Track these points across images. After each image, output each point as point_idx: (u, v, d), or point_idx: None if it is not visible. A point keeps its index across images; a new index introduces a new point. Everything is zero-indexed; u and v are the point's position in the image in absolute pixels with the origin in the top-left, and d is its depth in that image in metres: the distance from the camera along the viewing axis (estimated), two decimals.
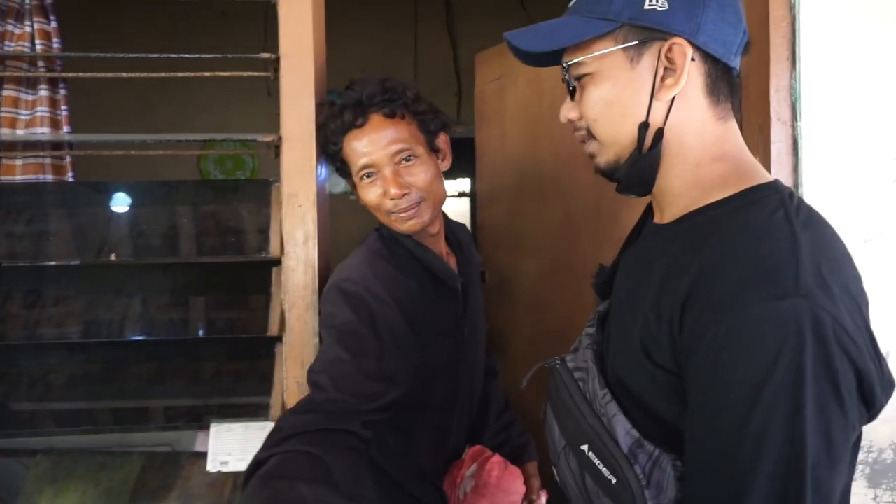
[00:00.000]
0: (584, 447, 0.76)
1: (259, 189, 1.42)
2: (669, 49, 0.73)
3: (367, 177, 1.14)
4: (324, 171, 1.43)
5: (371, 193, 1.15)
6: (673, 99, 0.74)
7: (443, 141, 1.21)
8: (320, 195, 1.38)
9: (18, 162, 1.42)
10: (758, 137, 1.47)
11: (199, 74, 1.40)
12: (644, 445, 0.71)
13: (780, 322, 0.60)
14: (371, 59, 4.21)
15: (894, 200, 1.41)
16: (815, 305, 0.60)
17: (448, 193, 1.32)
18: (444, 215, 1.29)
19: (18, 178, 1.42)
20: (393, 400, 1.05)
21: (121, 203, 1.38)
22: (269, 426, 1.38)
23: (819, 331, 0.59)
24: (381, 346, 1.07)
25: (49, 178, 1.44)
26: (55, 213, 1.38)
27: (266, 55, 1.34)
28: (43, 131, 1.42)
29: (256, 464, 0.90)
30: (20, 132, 1.44)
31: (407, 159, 1.12)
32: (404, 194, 1.11)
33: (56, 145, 1.46)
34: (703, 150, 0.76)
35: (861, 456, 1.42)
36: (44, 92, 1.43)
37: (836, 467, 0.61)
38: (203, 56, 1.36)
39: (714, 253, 0.67)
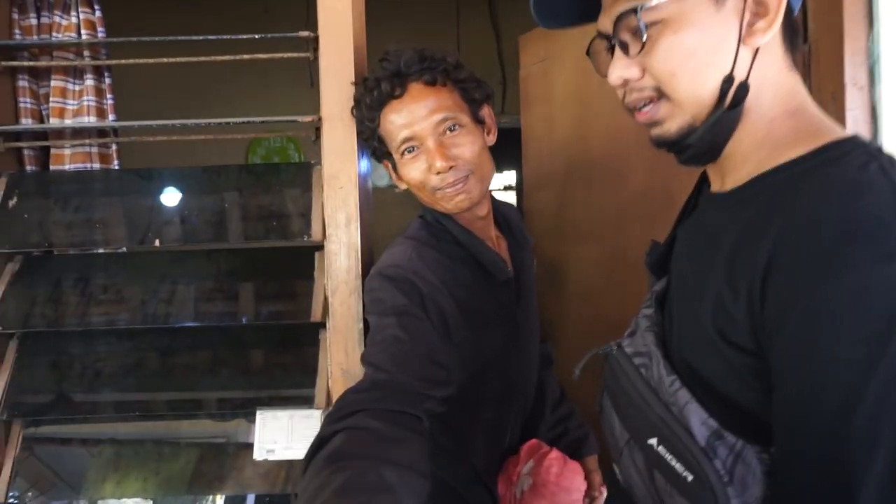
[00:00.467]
0: (653, 441, 0.68)
1: (301, 172, 1.39)
2: None
3: (409, 151, 1.05)
4: (365, 153, 1.39)
5: (414, 170, 1.06)
6: (758, 48, 0.65)
7: (487, 113, 1.13)
8: (362, 177, 1.34)
9: (67, 151, 1.44)
10: (830, 106, 1.35)
11: (239, 58, 1.38)
12: (724, 437, 0.62)
13: (890, 289, 0.51)
14: None
15: None
16: None
17: (494, 187, 1.25)
18: (492, 196, 1.22)
19: (67, 166, 1.44)
20: (449, 393, 0.96)
21: (165, 190, 1.38)
22: (314, 414, 1.36)
23: None
24: (436, 333, 1.00)
25: (96, 166, 1.45)
26: (102, 200, 1.38)
27: (305, 33, 1.31)
28: (90, 120, 1.43)
29: (320, 440, 0.78)
30: (68, 122, 1.45)
31: (451, 129, 1.03)
32: (451, 167, 1.02)
33: (102, 133, 1.47)
34: (778, 104, 0.68)
35: None
36: (90, 81, 1.44)
37: None
38: (243, 37, 1.34)
39: (800, 212, 0.58)
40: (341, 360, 1.30)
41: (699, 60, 0.66)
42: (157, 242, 1.32)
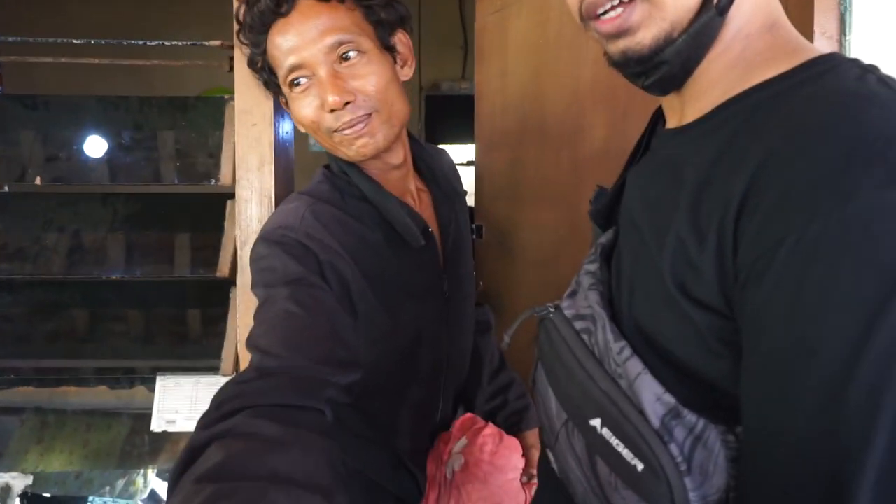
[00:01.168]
0: (596, 422, 0.56)
1: (212, 108, 1.23)
2: None
3: (297, 84, 0.86)
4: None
5: (305, 107, 0.86)
6: None
7: (401, 41, 0.94)
8: (280, 114, 1.18)
9: None
10: None
11: None
12: (682, 416, 0.51)
13: (890, 215, 0.40)
14: None
15: None
16: None
17: (456, 161, 1.09)
18: (414, 139, 1.04)
19: None
20: (356, 378, 0.79)
21: (52, 120, 1.19)
22: (221, 381, 1.21)
23: None
24: (340, 306, 0.83)
25: None
26: None
27: None
28: None
29: (191, 452, 0.60)
30: None
31: (346, 57, 0.84)
32: (347, 103, 0.84)
33: None
34: (756, 15, 0.56)
35: None
36: None
37: None
38: None
39: (787, 130, 0.46)
40: (250, 321, 1.15)
41: None
42: (38, 180, 1.14)
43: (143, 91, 1.35)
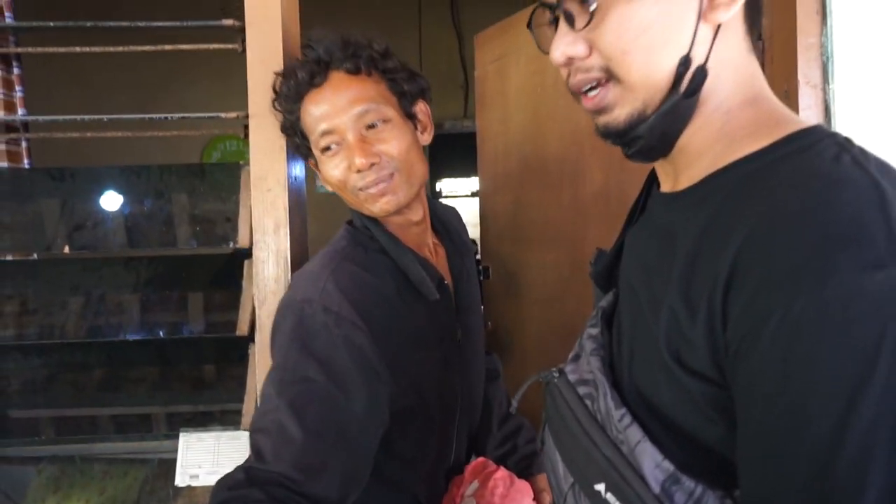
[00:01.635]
0: (600, 487, 0.58)
1: (229, 173, 1.29)
2: None
3: (329, 149, 0.96)
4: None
5: (334, 168, 0.95)
6: (719, 26, 0.57)
7: (421, 110, 1.04)
8: (294, 179, 1.24)
9: None
10: (784, 103, 1.30)
11: (159, 48, 1.27)
12: (681, 481, 0.54)
13: (878, 300, 0.44)
14: None
15: None
16: None
17: (459, 193, 1.17)
18: (429, 199, 1.12)
19: None
20: (331, 485, 0.85)
21: (79, 191, 1.26)
22: (242, 435, 1.25)
23: None
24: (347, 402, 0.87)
25: (3, 165, 1.32)
26: (8, 203, 1.26)
27: (229, 22, 1.21)
28: None
29: None
30: None
31: (373, 125, 0.95)
32: (372, 164, 0.93)
33: (11, 127, 1.34)
34: (737, 92, 0.60)
35: None
36: None
37: None
38: (164, 24, 1.24)
39: (768, 211, 0.50)
40: None
41: (654, 37, 0.57)
42: (65, 249, 1.20)
43: (158, 145, 1.41)
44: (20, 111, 1.35)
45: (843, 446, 0.44)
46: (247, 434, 1.23)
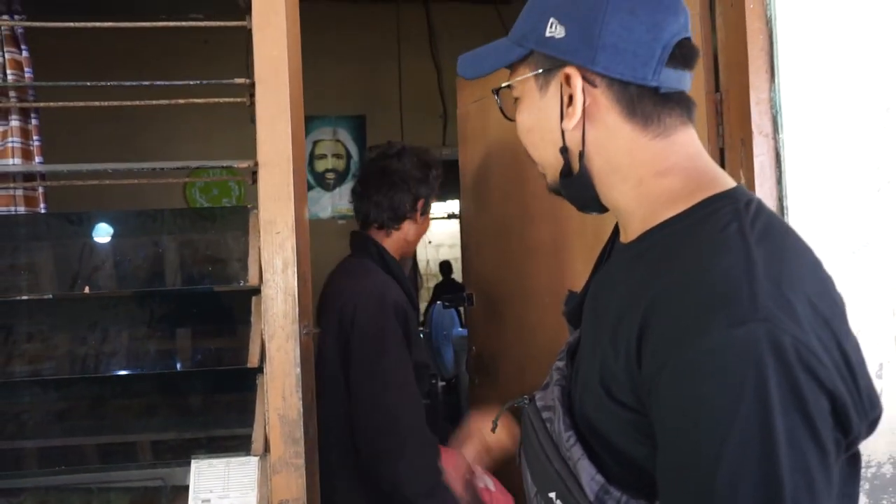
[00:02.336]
0: (552, 494, 0.70)
1: (237, 217, 1.39)
2: (565, 78, 0.71)
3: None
4: (302, 192, 1.40)
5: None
6: (585, 124, 0.72)
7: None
8: (300, 221, 1.35)
9: None
10: (740, 151, 1.46)
11: (173, 102, 1.38)
12: (611, 492, 0.65)
13: (738, 352, 0.55)
14: (355, 84, 4.23)
15: (879, 210, 1.40)
16: (774, 328, 0.55)
17: (437, 215, 1.35)
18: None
19: None
20: None
21: (95, 234, 1.35)
22: (251, 461, 1.34)
23: (781, 356, 0.54)
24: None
25: (21, 209, 1.40)
26: (27, 245, 1.34)
27: (241, 80, 1.32)
28: (14, 162, 1.39)
29: None
30: None
31: None
32: None
33: (28, 176, 1.43)
34: (640, 168, 0.72)
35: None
36: (15, 122, 1.40)
37: (819, 503, 0.55)
38: (179, 84, 1.34)
39: (665, 279, 0.63)
40: (279, 405, 1.29)
41: (535, 136, 0.77)
42: (86, 289, 1.29)
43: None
44: (37, 159, 1.43)
45: (718, 472, 0.55)
46: (255, 459, 1.32)
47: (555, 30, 0.70)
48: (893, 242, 1.40)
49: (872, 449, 1.39)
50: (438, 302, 4.00)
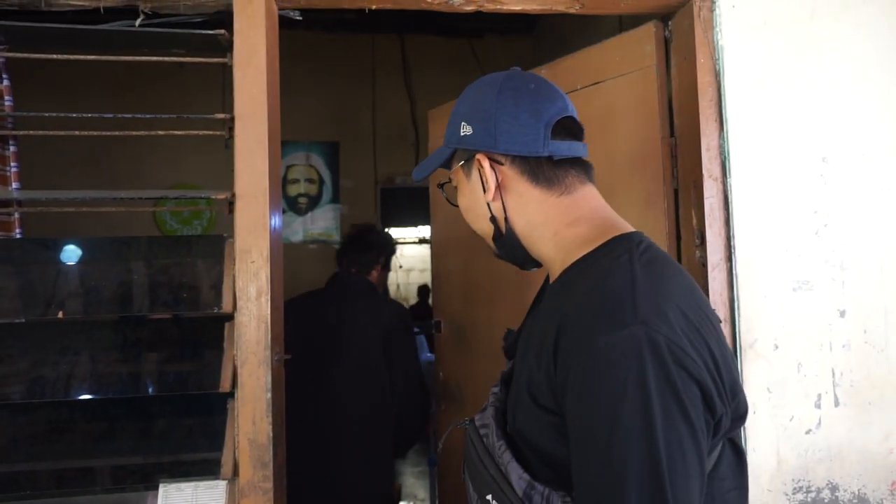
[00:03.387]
0: (489, 496, 0.82)
1: (213, 245, 1.43)
2: (478, 162, 0.90)
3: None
4: (277, 223, 1.45)
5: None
6: (501, 195, 0.90)
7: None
8: (274, 251, 1.40)
9: None
10: (692, 193, 1.56)
11: (154, 133, 1.42)
12: (535, 486, 0.77)
13: (623, 349, 0.69)
14: (330, 111, 4.30)
15: (817, 251, 1.51)
16: (651, 330, 0.69)
17: (408, 239, 1.40)
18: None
19: None
20: None
21: (70, 259, 1.38)
22: (220, 484, 1.36)
23: (657, 351, 0.68)
24: None
25: None
26: (0, 270, 1.36)
27: (222, 115, 1.38)
28: None
29: None
30: None
31: None
32: None
33: (3, 202, 1.45)
34: (553, 222, 0.89)
35: (800, 497, 1.48)
36: None
37: (690, 473, 0.68)
38: (158, 116, 1.39)
39: (570, 301, 0.79)
40: (249, 430, 1.32)
41: (470, 213, 0.97)
42: (60, 314, 1.31)
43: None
44: (14, 185, 1.46)
45: (611, 450, 0.68)
46: (224, 483, 1.35)
47: (466, 130, 0.91)
48: (830, 282, 1.51)
49: (812, 475, 1.48)
50: None
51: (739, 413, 0.77)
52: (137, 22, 1.43)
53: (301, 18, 1.54)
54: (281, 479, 1.41)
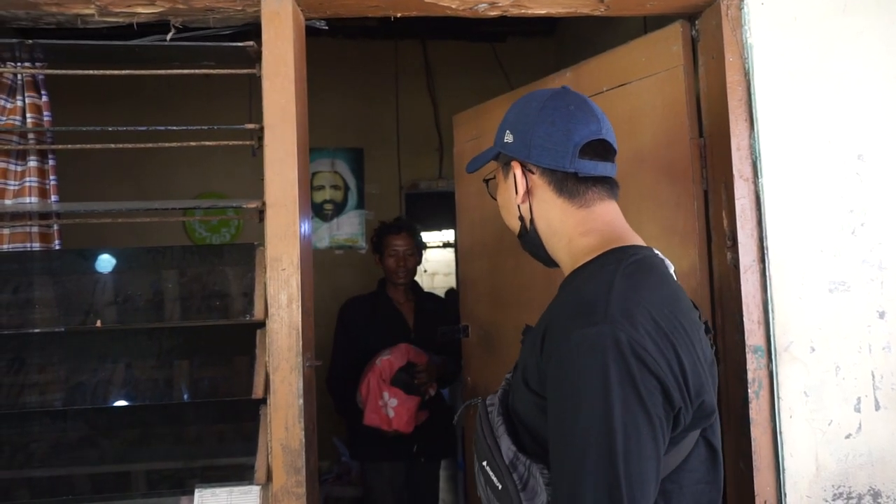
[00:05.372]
0: (484, 462, 0.94)
1: (244, 253, 1.46)
2: (513, 168, 1.01)
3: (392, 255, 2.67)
4: (307, 230, 1.47)
5: (391, 263, 2.68)
6: (529, 200, 1.01)
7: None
8: (304, 258, 1.41)
9: (6, 231, 1.45)
10: (723, 194, 1.54)
11: (184, 144, 1.45)
12: (520, 457, 0.89)
13: (591, 344, 0.80)
14: (354, 118, 4.33)
15: (854, 251, 1.48)
16: (616, 329, 0.80)
17: (433, 244, 1.42)
18: None
19: (5, 246, 1.45)
20: None
21: (107, 269, 1.41)
22: (254, 490, 1.38)
23: (618, 347, 0.79)
24: None
25: (36, 245, 1.46)
26: (41, 280, 1.40)
27: (251, 126, 1.40)
28: (31, 201, 1.46)
29: None
30: (8, 202, 1.47)
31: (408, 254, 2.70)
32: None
33: (44, 214, 1.49)
34: (570, 230, 1.00)
35: (841, 502, 1.44)
36: (33, 163, 1.47)
37: (644, 454, 0.78)
38: (188, 128, 1.41)
39: (559, 299, 0.94)
40: (281, 435, 1.34)
41: (504, 209, 1.08)
42: (98, 322, 1.34)
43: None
44: (53, 197, 1.50)
45: (576, 428, 0.78)
46: (258, 488, 1.36)
47: (509, 137, 1.03)
48: (868, 282, 1.47)
49: (853, 481, 1.45)
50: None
51: (705, 412, 0.86)
52: (169, 36, 1.47)
53: (327, 28, 1.56)
54: (313, 483, 1.42)
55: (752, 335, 1.46)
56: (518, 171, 1.01)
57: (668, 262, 0.99)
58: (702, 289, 1.58)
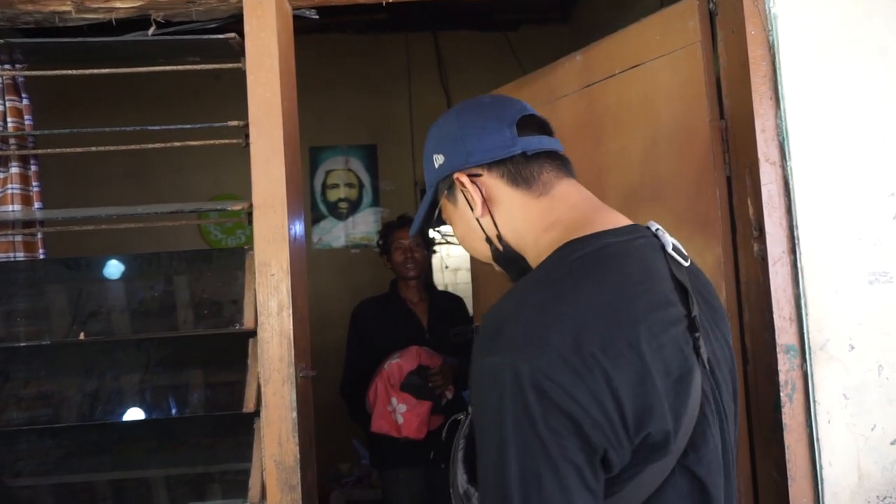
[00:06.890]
0: (451, 489, 0.87)
1: (234, 258, 1.38)
2: (458, 182, 0.90)
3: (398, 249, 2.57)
4: (298, 233, 1.39)
5: (398, 256, 2.55)
6: (489, 209, 0.89)
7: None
8: (296, 262, 1.33)
9: None
10: (748, 180, 1.41)
11: (169, 145, 1.38)
12: (472, 490, 0.82)
13: (490, 376, 0.70)
14: (367, 114, 4.25)
15: (895, 239, 1.34)
16: (517, 360, 0.68)
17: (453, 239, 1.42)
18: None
19: None
20: None
21: (92, 278, 1.34)
22: None
23: (517, 381, 0.67)
24: None
25: (20, 255, 1.41)
26: (25, 291, 1.34)
27: (235, 123, 1.32)
28: (14, 209, 1.40)
29: None
30: None
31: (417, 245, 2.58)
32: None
33: (27, 222, 1.43)
34: (535, 227, 0.88)
35: None
36: (15, 169, 1.41)
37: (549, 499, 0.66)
38: (171, 127, 1.34)
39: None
40: (275, 451, 1.26)
41: (466, 240, 0.95)
42: (81, 335, 1.28)
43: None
44: (36, 205, 1.44)
45: (483, 472, 0.71)
46: None
47: (439, 160, 0.92)
48: None
49: None
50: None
51: (655, 446, 0.70)
52: (150, 31, 1.39)
53: (318, 17, 1.47)
54: (312, 501, 1.34)
55: (784, 333, 1.34)
56: (465, 180, 0.89)
57: (667, 239, 0.84)
58: (727, 284, 1.46)
